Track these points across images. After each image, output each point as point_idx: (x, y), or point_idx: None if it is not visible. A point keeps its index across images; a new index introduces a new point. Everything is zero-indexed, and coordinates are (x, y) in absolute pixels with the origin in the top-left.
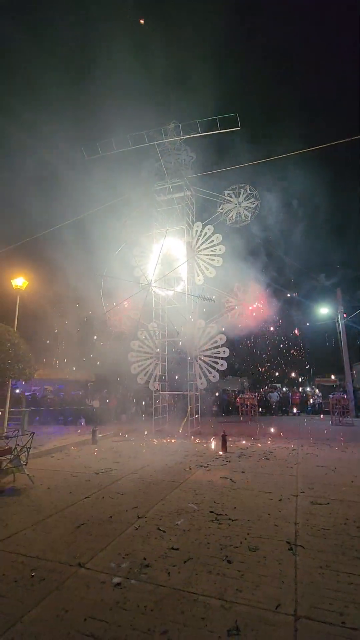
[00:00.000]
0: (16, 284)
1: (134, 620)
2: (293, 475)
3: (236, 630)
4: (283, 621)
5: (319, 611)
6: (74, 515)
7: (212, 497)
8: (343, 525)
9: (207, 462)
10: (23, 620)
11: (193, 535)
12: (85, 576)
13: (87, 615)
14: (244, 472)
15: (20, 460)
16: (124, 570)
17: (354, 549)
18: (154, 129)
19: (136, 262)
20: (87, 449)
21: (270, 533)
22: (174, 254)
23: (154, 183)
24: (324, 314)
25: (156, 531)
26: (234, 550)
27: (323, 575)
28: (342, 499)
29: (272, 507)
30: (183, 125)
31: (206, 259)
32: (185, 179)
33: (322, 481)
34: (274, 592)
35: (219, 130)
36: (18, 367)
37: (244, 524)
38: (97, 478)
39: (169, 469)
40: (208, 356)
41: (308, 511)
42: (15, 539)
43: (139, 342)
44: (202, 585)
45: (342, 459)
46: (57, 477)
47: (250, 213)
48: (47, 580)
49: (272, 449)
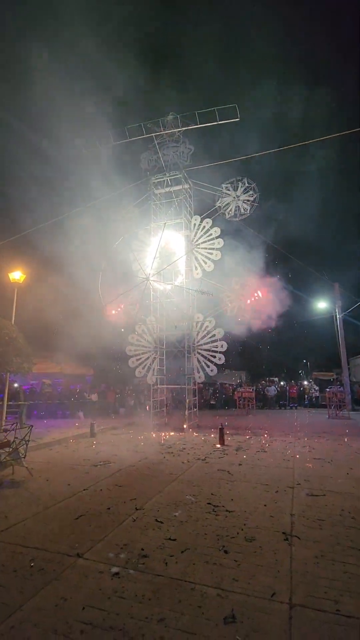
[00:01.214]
0: (14, 277)
1: (132, 608)
2: (290, 468)
3: (232, 618)
4: (278, 609)
5: (314, 599)
6: (72, 506)
7: (209, 489)
8: (338, 516)
9: (205, 455)
10: (23, 608)
11: (190, 526)
12: (83, 566)
13: (86, 604)
14: (241, 464)
15: (19, 453)
16: (122, 561)
17: (348, 539)
18: (151, 121)
19: (134, 255)
20: (85, 442)
21: (267, 524)
22: (172, 247)
23: (152, 176)
24: (321, 308)
25: (154, 522)
26: (231, 541)
27: (318, 564)
28: (337, 490)
29: (269, 499)
30: (181, 117)
31: (204, 253)
32: (184, 171)
33: (318, 473)
34: (269, 581)
35: (218, 121)
36: (16, 361)
37: (241, 515)
38: (96, 470)
39: (166, 462)
40: (206, 350)
41: (304, 502)
42: (14, 530)
43: (137, 336)
44: (199, 574)
45: (339, 451)
46: (55, 470)
47: (249, 206)
48: (46, 570)
49: (269, 441)
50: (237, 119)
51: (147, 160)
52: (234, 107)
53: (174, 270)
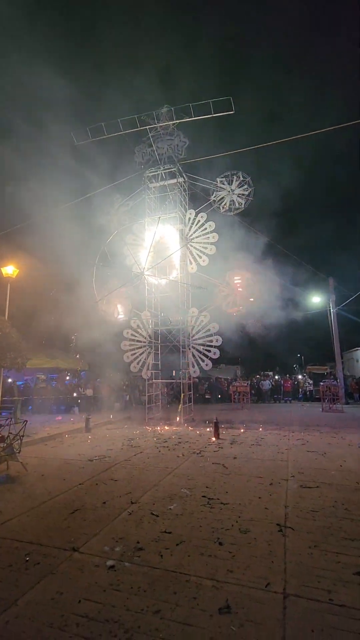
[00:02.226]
0: (6, 272)
1: (128, 601)
2: (284, 461)
3: (227, 608)
4: (272, 599)
5: (307, 589)
6: (68, 501)
7: (204, 483)
8: (331, 507)
9: (200, 449)
10: (18, 603)
11: (185, 519)
12: (79, 560)
13: (82, 597)
14: (236, 457)
15: (13, 449)
16: (118, 554)
17: (341, 530)
18: (145, 113)
19: (129, 250)
20: (80, 437)
21: (261, 516)
22: (166, 242)
23: (146, 169)
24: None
25: (149, 516)
26: (226, 533)
27: (311, 555)
28: (331, 482)
29: (263, 491)
30: (176, 109)
31: (199, 247)
32: (178, 165)
33: (312, 466)
34: (263, 572)
35: (212, 114)
36: (10, 356)
37: (236, 508)
38: (91, 465)
39: (162, 456)
40: (201, 344)
41: (298, 494)
42: (9, 525)
43: (132, 331)
44: (194, 566)
45: (332, 444)
46: (50, 465)
47: (244, 200)
48: (42, 564)
49: (263, 435)
50: (232, 111)
51: (141, 154)
52: (228, 100)
53: (168, 264)
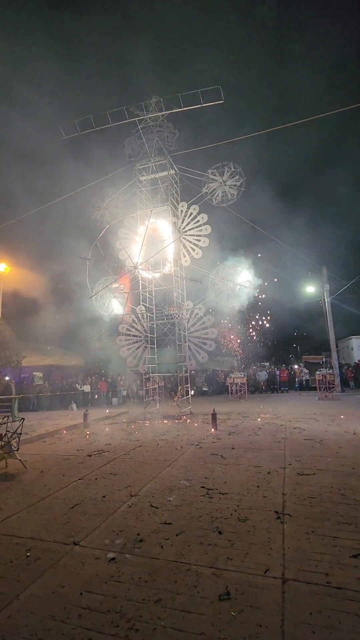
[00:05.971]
0: None
1: (129, 591)
2: (281, 449)
3: (227, 594)
4: (271, 584)
5: (306, 573)
6: (67, 496)
7: (203, 474)
8: (328, 493)
9: (198, 441)
10: (20, 597)
11: (185, 509)
12: (80, 554)
13: (83, 589)
14: (234, 448)
15: (11, 446)
16: (118, 546)
17: (338, 514)
18: (134, 104)
19: (121, 244)
20: (79, 433)
21: (259, 504)
22: (159, 235)
23: (136, 162)
24: (310, 292)
25: (149, 508)
26: (225, 522)
27: (309, 540)
28: (327, 469)
29: (261, 480)
30: (165, 100)
31: (192, 240)
32: (169, 157)
33: (308, 453)
34: (262, 559)
35: (202, 104)
36: (4, 354)
37: (234, 497)
38: (90, 460)
39: (160, 449)
40: (197, 337)
41: (295, 482)
42: (9, 521)
43: (127, 326)
44: (194, 555)
45: (328, 431)
46: (49, 461)
47: (236, 191)
48: (43, 559)
49: (260, 425)
50: (222, 101)
51: (131, 146)
52: (217, 89)
53: (162, 258)
